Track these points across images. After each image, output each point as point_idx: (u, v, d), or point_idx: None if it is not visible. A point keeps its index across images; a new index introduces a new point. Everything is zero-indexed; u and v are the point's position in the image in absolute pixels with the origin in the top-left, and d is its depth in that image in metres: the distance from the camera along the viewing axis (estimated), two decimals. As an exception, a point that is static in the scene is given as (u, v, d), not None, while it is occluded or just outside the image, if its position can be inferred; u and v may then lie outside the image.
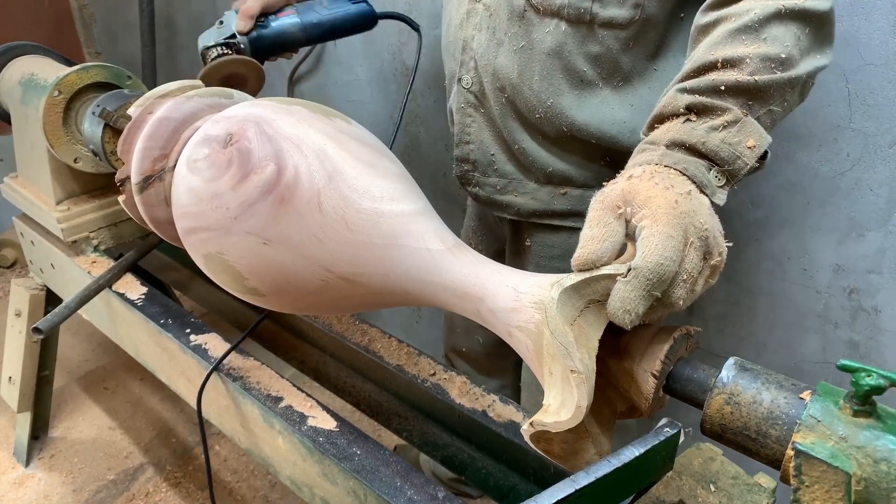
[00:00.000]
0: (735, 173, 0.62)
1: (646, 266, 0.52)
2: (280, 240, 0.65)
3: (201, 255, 0.70)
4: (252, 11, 1.06)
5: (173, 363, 1.05)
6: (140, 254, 1.15)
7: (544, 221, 1.01)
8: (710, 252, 0.56)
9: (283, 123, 0.68)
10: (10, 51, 1.30)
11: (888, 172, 1.00)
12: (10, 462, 1.67)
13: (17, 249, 2.45)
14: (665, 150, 0.62)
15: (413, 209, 0.67)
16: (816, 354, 1.18)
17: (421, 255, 0.65)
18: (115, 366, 2.00)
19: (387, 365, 0.98)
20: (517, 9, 0.87)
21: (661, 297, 0.53)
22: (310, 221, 0.64)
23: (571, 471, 0.51)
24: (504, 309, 0.59)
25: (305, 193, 0.64)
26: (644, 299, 0.52)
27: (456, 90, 1.00)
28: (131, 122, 0.82)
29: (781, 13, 0.65)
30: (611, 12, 0.82)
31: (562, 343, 0.52)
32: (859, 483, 0.45)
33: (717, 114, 0.63)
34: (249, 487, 1.61)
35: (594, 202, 0.59)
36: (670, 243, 0.53)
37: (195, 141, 0.71)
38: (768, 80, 0.63)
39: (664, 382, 0.57)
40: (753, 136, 0.62)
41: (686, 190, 0.58)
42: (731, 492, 0.63)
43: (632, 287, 0.52)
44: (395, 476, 0.75)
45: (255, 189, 0.64)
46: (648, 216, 0.54)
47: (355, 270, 0.66)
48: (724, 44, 0.66)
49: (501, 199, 1.02)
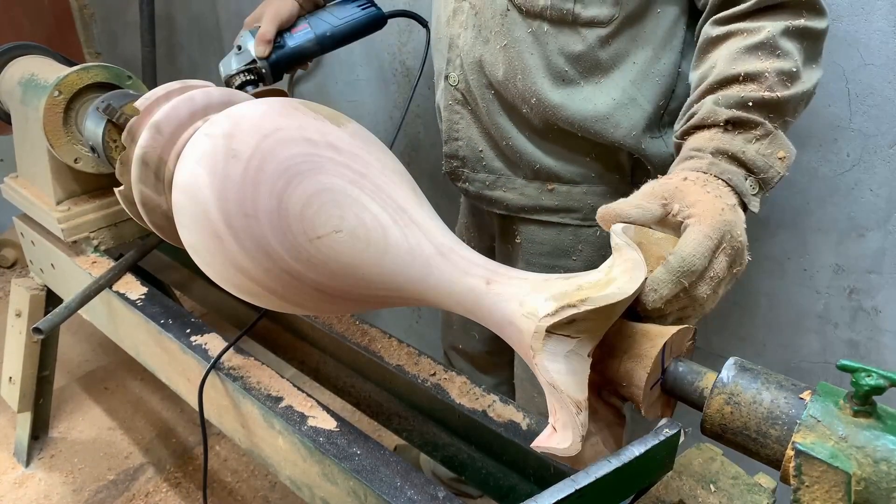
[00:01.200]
0: (768, 181, 0.69)
1: (679, 254, 0.58)
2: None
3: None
4: (269, 37, 1.08)
5: (173, 363, 1.05)
6: (140, 254, 1.15)
7: (533, 217, 1.03)
8: (735, 262, 0.62)
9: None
10: (10, 51, 1.30)
11: (888, 172, 1.00)
12: (10, 462, 1.67)
13: (17, 249, 2.45)
14: (712, 158, 0.69)
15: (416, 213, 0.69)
16: (816, 354, 1.18)
17: (418, 257, 0.66)
18: (115, 366, 2.00)
19: (387, 365, 0.98)
20: (500, 8, 0.89)
21: (688, 288, 0.58)
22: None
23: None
24: (498, 315, 0.61)
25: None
26: (671, 283, 0.57)
27: (443, 87, 1.01)
28: (138, 115, 0.83)
29: (789, 30, 0.72)
30: (592, 12, 0.85)
31: (550, 383, 0.54)
32: (859, 483, 0.45)
33: (751, 127, 0.70)
34: (249, 487, 1.61)
35: (646, 186, 0.65)
36: (707, 243, 0.59)
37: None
38: (789, 96, 0.70)
39: (662, 377, 0.57)
40: (783, 147, 0.70)
41: (732, 203, 0.64)
42: (731, 492, 0.63)
43: (663, 270, 0.58)
44: (395, 476, 0.75)
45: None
46: (695, 216, 0.61)
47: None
48: (743, 59, 0.72)
49: (491, 194, 1.04)
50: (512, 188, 1.01)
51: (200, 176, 0.66)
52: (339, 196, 0.65)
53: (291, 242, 0.65)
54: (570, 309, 0.51)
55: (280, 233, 0.65)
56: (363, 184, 0.67)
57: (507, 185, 1.02)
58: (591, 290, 0.53)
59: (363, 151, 0.70)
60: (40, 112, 1.11)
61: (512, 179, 1.01)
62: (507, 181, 1.02)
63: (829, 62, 0.99)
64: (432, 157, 1.61)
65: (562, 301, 0.54)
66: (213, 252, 0.68)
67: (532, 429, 0.86)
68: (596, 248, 1.02)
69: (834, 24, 0.97)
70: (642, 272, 0.54)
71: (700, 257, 0.58)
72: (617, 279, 0.53)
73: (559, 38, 0.87)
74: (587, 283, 0.55)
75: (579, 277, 0.57)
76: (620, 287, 0.52)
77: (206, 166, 0.66)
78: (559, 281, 0.58)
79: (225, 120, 0.69)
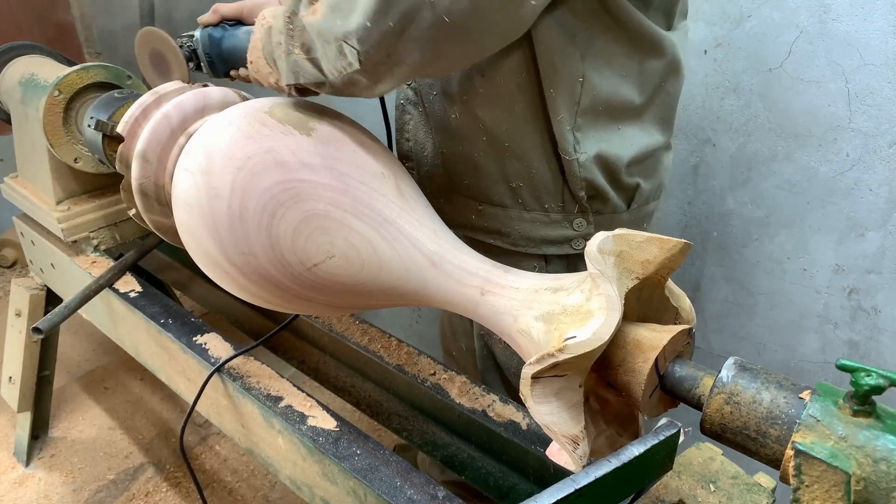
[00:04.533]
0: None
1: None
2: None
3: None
4: (223, 10, 0.93)
5: (173, 363, 1.05)
6: (140, 254, 1.15)
7: (468, 234, 0.95)
8: None
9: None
10: (10, 51, 1.30)
11: (888, 172, 1.00)
12: (10, 462, 1.67)
13: (17, 249, 2.45)
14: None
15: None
16: (816, 354, 1.18)
17: (412, 270, 0.67)
18: (115, 366, 2.00)
19: (387, 365, 0.98)
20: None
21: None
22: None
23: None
24: (496, 327, 0.64)
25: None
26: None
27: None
28: (123, 142, 0.83)
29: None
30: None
31: (545, 426, 0.56)
32: (859, 483, 0.45)
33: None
34: (249, 487, 1.61)
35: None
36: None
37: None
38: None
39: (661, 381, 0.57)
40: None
41: None
42: (730, 491, 0.63)
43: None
44: (395, 476, 0.75)
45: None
46: None
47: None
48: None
49: (434, 202, 0.90)
50: (450, 202, 0.94)
51: (193, 217, 0.68)
52: (324, 222, 0.66)
53: (291, 273, 0.67)
54: (551, 358, 0.53)
55: (279, 265, 0.67)
56: (344, 202, 0.67)
57: (445, 197, 0.95)
58: (571, 320, 0.55)
59: (337, 160, 0.69)
60: (40, 112, 1.11)
61: (450, 195, 0.94)
62: (446, 194, 0.95)
63: (829, 62, 0.99)
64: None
65: (548, 324, 0.56)
66: (227, 283, 0.71)
67: (532, 428, 0.86)
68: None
69: (834, 24, 0.97)
70: (617, 312, 0.54)
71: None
72: (594, 314, 0.54)
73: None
74: (571, 307, 0.56)
75: (563, 295, 0.58)
76: (596, 331, 0.53)
77: (195, 207, 0.68)
78: (547, 295, 0.59)
79: (200, 153, 0.70)
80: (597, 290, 0.55)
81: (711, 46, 1.09)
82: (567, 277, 0.61)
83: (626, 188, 0.86)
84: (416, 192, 0.75)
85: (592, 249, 0.57)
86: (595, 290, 0.55)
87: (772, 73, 1.05)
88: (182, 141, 0.80)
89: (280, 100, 0.76)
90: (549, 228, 0.88)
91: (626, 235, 0.58)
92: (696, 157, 1.19)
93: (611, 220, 0.88)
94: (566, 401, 0.54)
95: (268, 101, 0.75)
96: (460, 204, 0.93)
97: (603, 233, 0.59)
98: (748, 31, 1.05)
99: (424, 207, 0.73)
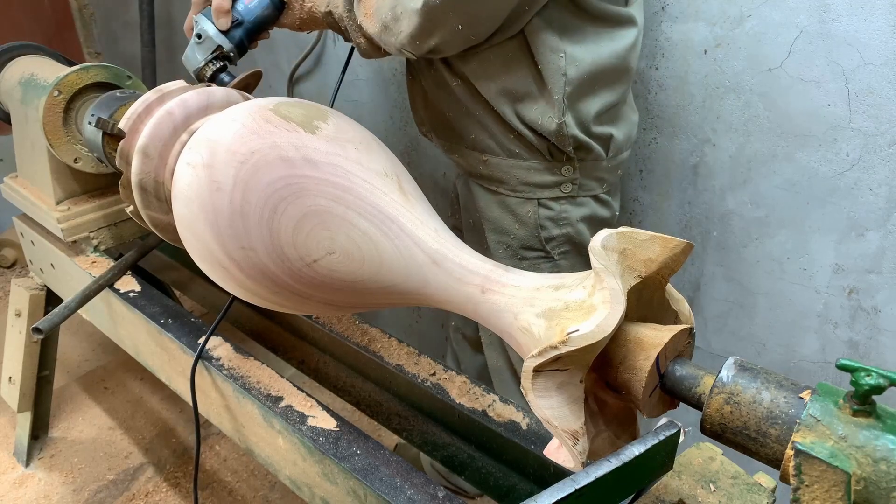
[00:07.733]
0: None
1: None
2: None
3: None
4: (226, 6, 1.00)
5: (173, 363, 1.05)
6: (140, 254, 1.15)
7: (481, 184, 1.10)
8: None
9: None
10: (10, 51, 1.30)
11: (888, 172, 1.00)
12: (10, 462, 1.67)
13: (17, 249, 2.45)
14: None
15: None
16: (816, 354, 1.18)
17: (413, 268, 0.67)
18: (115, 366, 2.00)
19: (387, 365, 0.98)
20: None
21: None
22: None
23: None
24: (496, 325, 0.64)
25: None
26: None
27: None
28: (124, 138, 0.83)
29: None
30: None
31: (545, 420, 0.55)
32: (859, 482, 0.45)
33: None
34: (249, 487, 1.61)
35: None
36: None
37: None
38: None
39: (661, 380, 0.57)
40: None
41: None
42: (730, 491, 0.63)
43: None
44: (395, 476, 0.75)
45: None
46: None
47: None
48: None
49: (451, 156, 1.13)
50: (461, 154, 1.10)
51: (193, 211, 0.68)
52: (325, 217, 0.66)
53: (290, 268, 0.67)
54: (553, 350, 0.52)
55: (278, 260, 0.66)
56: (347, 199, 0.67)
57: (457, 150, 1.11)
58: (574, 316, 0.55)
59: (341, 158, 0.69)
60: (40, 112, 1.11)
61: (460, 148, 1.10)
62: (457, 147, 1.10)
63: (829, 62, 0.99)
64: (432, 157, 1.61)
65: (550, 320, 0.56)
66: (224, 280, 0.71)
67: (532, 428, 0.86)
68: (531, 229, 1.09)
69: (834, 23, 0.97)
70: (621, 305, 0.54)
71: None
72: (598, 308, 0.54)
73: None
74: (573, 303, 0.56)
75: (565, 291, 0.58)
76: (600, 324, 0.52)
77: (195, 200, 0.68)
78: (548, 292, 0.59)
79: (203, 147, 0.69)
80: (600, 285, 0.55)
81: (711, 46, 1.09)
82: (569, 276, 0.61)
83: (601, 137, 1.02)
84: (418, 192, 0.75)
85: (596, 245, 0.57)
86: (599, 284, 0.55)
87: (772, 73, 1.05)
88: (184, 138, 0.80)
89: (285, 99, 0.76)
90: (542, 175, 1.04)
91: (629, 233, 0.58)
92: (696, 157, 1.19)
93: (593, 167, 1.04)
94: (567, 395, 0.54)
95: (272, 99, 0.75)
96: (469, 156, 1.09)
97: (606, 230, 0.59)
98: (748, 31, 1.05)
99: (426, 207, 0.73)
